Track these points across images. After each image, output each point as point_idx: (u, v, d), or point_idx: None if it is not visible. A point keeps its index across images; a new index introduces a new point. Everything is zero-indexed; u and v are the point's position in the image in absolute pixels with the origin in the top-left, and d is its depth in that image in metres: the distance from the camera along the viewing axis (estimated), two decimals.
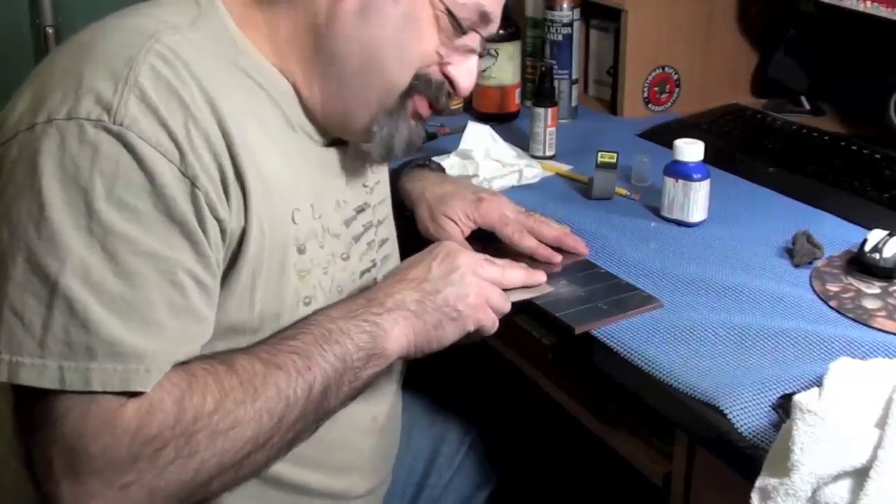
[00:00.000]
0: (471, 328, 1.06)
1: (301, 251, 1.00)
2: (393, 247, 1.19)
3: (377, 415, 1.14)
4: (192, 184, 0.88)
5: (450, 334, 1.05)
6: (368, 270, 1.11)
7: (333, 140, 1.07)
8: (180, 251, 0.88)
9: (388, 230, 1.18)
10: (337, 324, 0.97)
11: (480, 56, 1.06)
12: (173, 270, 0.87)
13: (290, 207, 0.98)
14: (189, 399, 0.86)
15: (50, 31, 1.97)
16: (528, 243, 1.26)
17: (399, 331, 1.01)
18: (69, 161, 0.85)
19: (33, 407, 0.85)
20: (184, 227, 0.88)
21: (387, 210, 1.19)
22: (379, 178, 1.16)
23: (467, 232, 1.28)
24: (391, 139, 1.04)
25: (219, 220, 0.90)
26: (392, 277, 1.06)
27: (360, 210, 1.10)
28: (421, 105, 1.04)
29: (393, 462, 1.22)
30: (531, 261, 1.25)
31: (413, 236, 1.29)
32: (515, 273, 1.14)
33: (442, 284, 1.05)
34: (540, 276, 1.17)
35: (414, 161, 1.37)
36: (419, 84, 1.02)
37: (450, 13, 1.00)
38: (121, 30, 0.93)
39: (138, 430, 0.84)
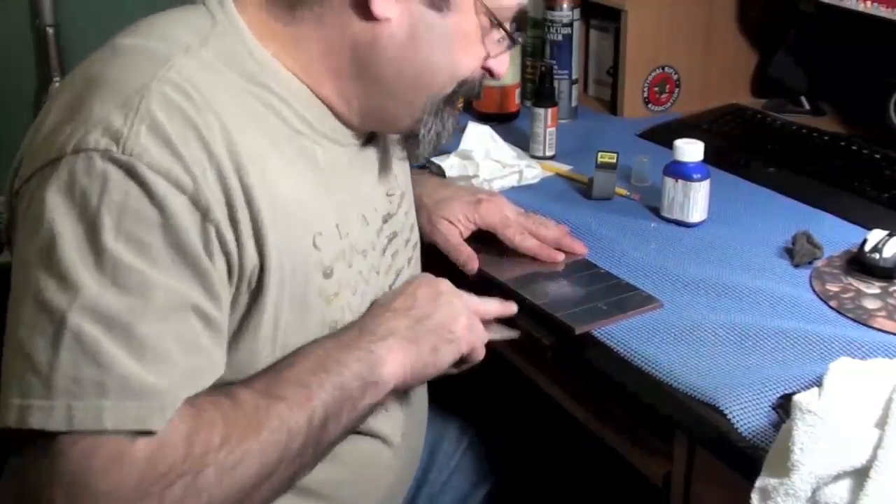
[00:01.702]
0: (465, 350, 1.06)
1: (327, 275, 0.98)
2: (416, 255, 1.18)
3: (400, 433, 1.13)
4: (204, 216, 0.85)
5: (446, 357, 1.04)
6: (393, 284, 1.10)
7: (366, 138, 1.06)
8: (189, 287, 0.85)
9: (413, 239, 1.17)
10: (332, 354, 0.96)
11: (515, 43, 1.04)
12: (184, 306, 0.85)
13: (312, 233, 0.96)
14: (197, 435, 0.84)
15: (50, 31, 1.97)
16: (530, 244, 1.26)
17: (394, 358, 0.99)
18: (78, 194, 0.83)
19: (34, 445, 0.81)
20: (194, 262, 0.85)
21: (412, 218, 1.18)
22: (403, 189, 1.15)
23: (466, 234, 1.28)
24: (438, 137, 1.04)
25: (227, 255, 0.88)
26: (377, 309, 1.04)
27: (386, 220, 1.09)
28: (458, 100, 1.05)
29: (413, 474, 1.23)
30: (533, 261, 1.25)
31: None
32: (492, 303, 1.14)
33: (431, 308, 1.04)
34: (511, 308, 1.16)
35: (414, 165, 1.38)
36: (462, 86, 1.02)
37: (494, 19, 0.99)
38: (130, 54, 0.90)
39: (148, 467, 0.81)
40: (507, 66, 1.05)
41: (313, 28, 0.95)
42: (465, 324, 1.06)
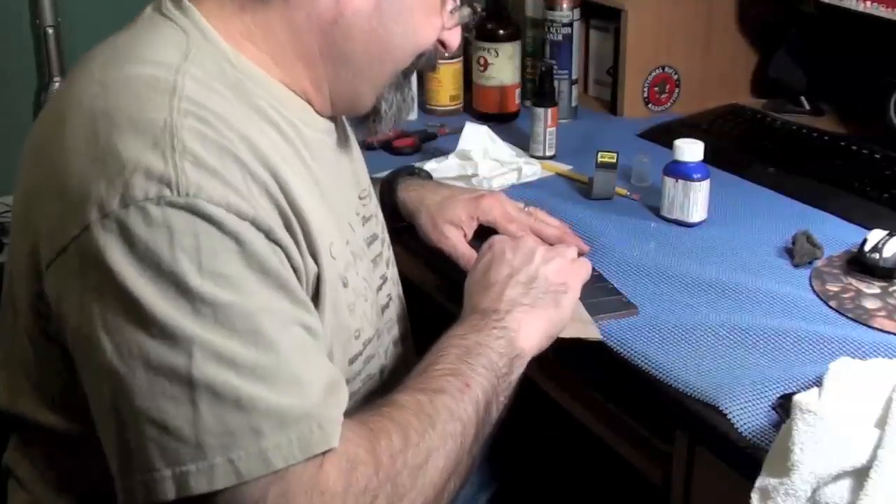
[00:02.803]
0: (579, 289, 1.10)
1: (345, 285, 0.97)
2: (391, 255, 1.18)
3: None
4: (268, 237, 0.83)
5: (568, 306, 1.07)
6: (381, 287, 1.10)
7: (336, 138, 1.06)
8: (286, 305, 0.83)
9: (386, 238, 1.17)
10: (469, 339, 0.97)
11: (472, 13, 1.06)
12: (290, 322, 0.82)
13: (328, 242, 0.94)
14: (378, 445, 0.83)
15: (50, 31, 1.96)
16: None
17: (526, 328, 1.01)
18: (144, 249, 0.78)
19: None
20: (278, 281, 0.83)
21: (381, 220, 1.17)
22: (368, 187, 1.15)
23: (470, 234, 1.28)
24: (398, 112, 1.04)
25: (296, 270, 0.87)
26: (479, 288, 1.06)
27: (364, 223, 1.09)
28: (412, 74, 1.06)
29: None
30: None
31: (407, 247, 1.29)
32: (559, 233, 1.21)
33: (533, 269, 1.07)
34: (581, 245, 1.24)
35: (403, 170, 1.38)
36: (419, 59, 1.03)
37: None
38: (128, 87, 0.85)
39: (347, 488, 0.80)
40: (459, 40, 1.06)
41: (280, 13, 0.93)
42: (568, 267, 1.08)
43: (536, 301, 1.04)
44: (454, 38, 1.05)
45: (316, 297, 0.91)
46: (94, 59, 0.90)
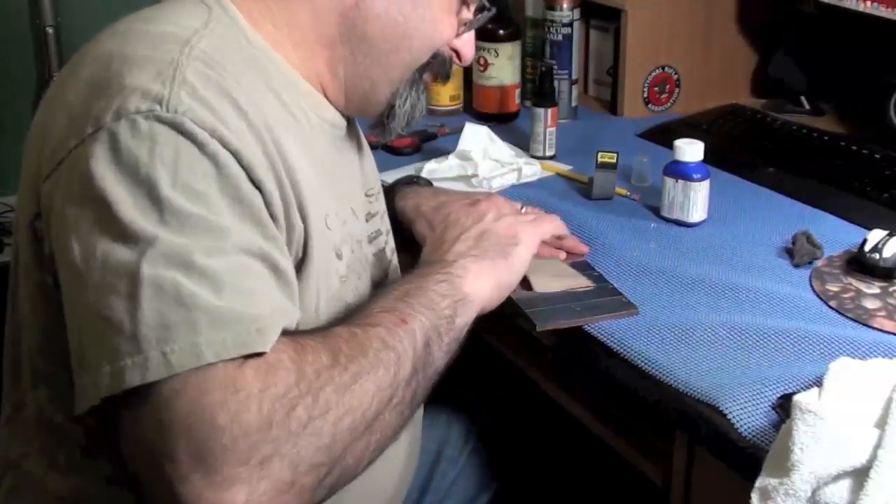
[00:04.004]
0: (534, 245, 1.10)
1: (339, 256, 0.99)
2: (395, 259, 1.19)
3: (402, 435, 1.14)
4: (248, 174, 0.85)
5: (520, 259, 1.08)
6: (382, 283, 1.10)
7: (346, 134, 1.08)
8: (253, 235, 0.84)
9: (390, 241, 1.18)
10: (410, 283, 0.97)
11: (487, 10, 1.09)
12: (252, 252, 0.83)
13: (323, 213, 0.97)
14: (304, 358, 0.81)
15: (50, 31, 1.97)
16: None
17: (472, 275, 1.01)
18: (126, 157, 0.81)
19: (139, 406, 0.77)
20: (252, 212, 0.84)
21: (388, 221, 1.19)
22: (378, 190, 1.17)
23: None
24: (412, 110, 1.06)
25: (274, 217, 0.88)
26: (431, 247, 1.07)
27: (368, 219, 1.11)
28: (428, 77, 1.07)
29: (413, 474, 1.23)
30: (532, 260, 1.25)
31: (412, 256, 1.29)
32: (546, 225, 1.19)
33: (482, 226, 1.08)
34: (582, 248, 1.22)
35: (402, 180, 1.38)
36: (434, 59, 1.05)
37: None
38: (146, 37, 0.90)
39: (264, 389, 0.77)
40: (473, 51, 1.09)
41: None
42: (519, 223, 1.09)
43: (485, 252, 1.05)
44: (468, 49, 1.07)
45: (303, 257, 0.92)
46: (120, 23, 0.95)
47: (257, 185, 0.86)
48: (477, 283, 1.01)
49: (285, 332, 0.82)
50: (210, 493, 0.75)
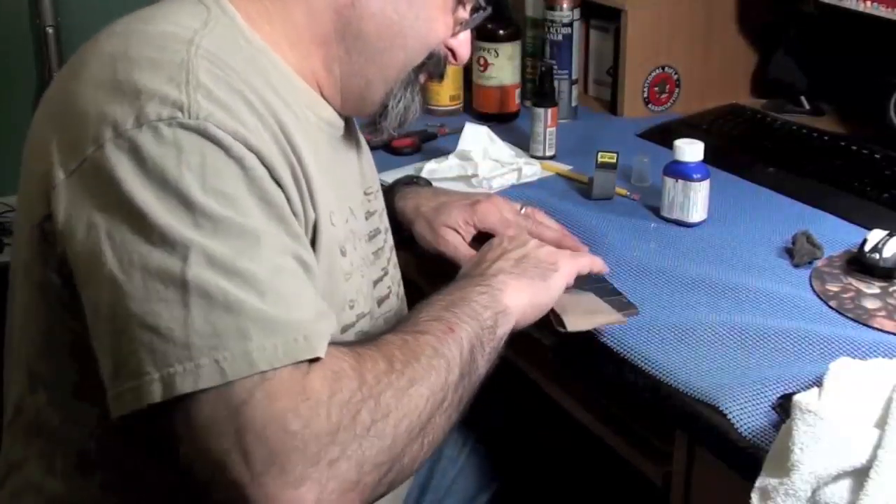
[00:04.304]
0: (576, 270, 1.12)
1: (343, 253, 1.00)
2: (394, 257, 1.19)
3: None
4: (271, 174, 0.86)
5: (556, 284, 1.09)
6: (381, 279, 1.11)
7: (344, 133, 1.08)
8: (284, 235, 0.85)
9: (389, 240, 1.18)
10: (454, 294, 0.99)
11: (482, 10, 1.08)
12: (285, 251, 0.85)
13: (328, 210, 0.97)
14: (363, 364, 0.84)
15: (50, 31, 1.97)
16: None
17: (511, 289, 1.03)
18: (152, 165, 0.82)
19: (198, 412, 0.78)
20: (279, 212, 0.86)
21: (386, 220, 1.19)
22: (377, 190, 1.17)
23: (468, 238, 1.28)
24: (405, 111, 1.06)
25: (296, 214, 0.89)
26: (473, 264, 1.09)
27: (367, 217, 1.11)
28: (424, 78, 1.08)
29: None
30: None
31: (412, 255, 1.29)
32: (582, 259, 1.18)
33: (524, 250, 1.10)
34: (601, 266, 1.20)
35: (402, 180, 1.38)
36: (430, 59, 1.05)
37: None
38: (147, 37, 0.90)
39: (332, 395, 0.80)
40: (469, 51, 1.09)
41: None
42: (560, 253, 1.11)
43: (525, 271, 1.07)
44: (464, 49, 1.08)
45: (313, 244, 0.93)
46: (117, 24, 0.95)
47: (279, 183, 0.87)
48: (515, 297, 1.03)
49: (340, 343, 0.85)
50: (283, 492, 0.77)
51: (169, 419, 0.80)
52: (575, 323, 1.09)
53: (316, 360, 0.81)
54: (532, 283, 1.06)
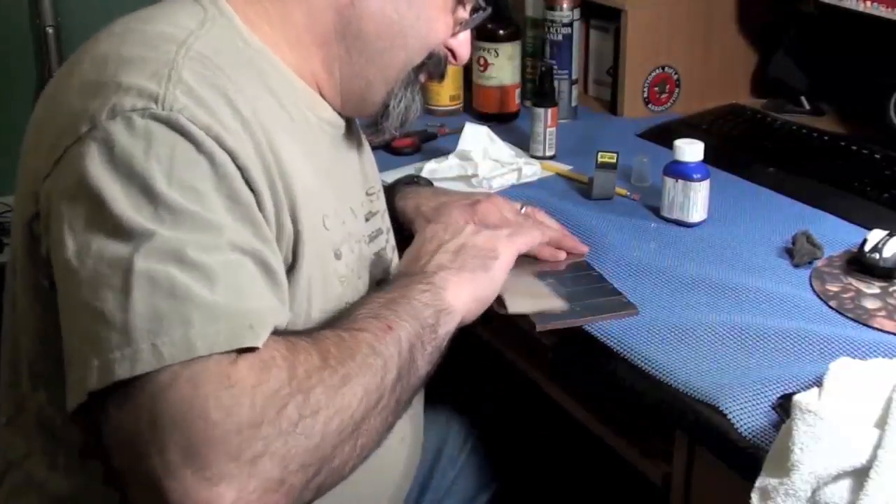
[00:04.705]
0: (516, 252, 1.10)
1: (338, 257, 1.00)
2: (396, 257, 1.19)
3: (405, 434, 1.14)
4: (242, 174, 0.85)
5: (499, 272, 1.07)
6: (382, 280, 1.11)
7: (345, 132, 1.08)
8: (247, 234, 0.84)
9: (391, 240, 1.18)
10: (394, 292, 0.97)
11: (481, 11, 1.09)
12: (244, 250, 0.83)
13: (321, 213, 0.97)
14: (296, 357, 0.81)
15: (50, 31, 1.97)
16: None
17: (453, 286, 1.01)
18: (120, 154, 0.81)
19: (129, 399, 0.76)
20: (247, 211, 0.85)
21: (388, 220, 1.19)
22: (379, 189, 1.17)
23: None
24: (406, 111, 1.06)
25: (266, 220, 0.88)
26: (411, 260, 1.06)
27: (368, 217, 1.11)
28: (424, 78, 1.08)
29: (414, 472, 1.23)
30: (535, 261, 1.25)
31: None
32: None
33: (461, 240, 1.07)
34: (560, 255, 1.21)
35: (402, 180, 1.38)
36: (430, 59, 1.05)
37: None
38: (143, 37, 0.91)
39: (258, 384, 0.77)
40: (469, 51, 1.09)
41: None
42: (498, 237, 1.09)
43: (464, 264, 1.04)
44: (464, 49, 1.08)
45: (294, 260, 0.92)
46: (117, 23, 0.95)
47: (251, 185, 0.86)
48: (458, 294, 1.01)
49: (276, 332, 0.83)
50: (199, 488, 0.74)
51: (107, 410, 0.77)
52: (516, 305, 1.09)
53: (249, 349, 0.79)
54: (474, 276, 1.04)
